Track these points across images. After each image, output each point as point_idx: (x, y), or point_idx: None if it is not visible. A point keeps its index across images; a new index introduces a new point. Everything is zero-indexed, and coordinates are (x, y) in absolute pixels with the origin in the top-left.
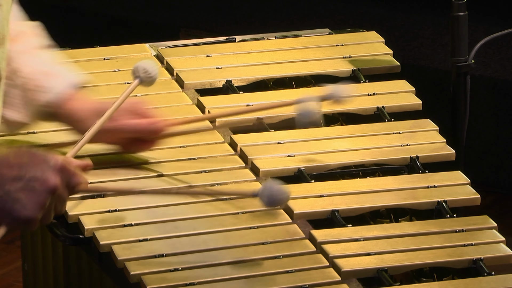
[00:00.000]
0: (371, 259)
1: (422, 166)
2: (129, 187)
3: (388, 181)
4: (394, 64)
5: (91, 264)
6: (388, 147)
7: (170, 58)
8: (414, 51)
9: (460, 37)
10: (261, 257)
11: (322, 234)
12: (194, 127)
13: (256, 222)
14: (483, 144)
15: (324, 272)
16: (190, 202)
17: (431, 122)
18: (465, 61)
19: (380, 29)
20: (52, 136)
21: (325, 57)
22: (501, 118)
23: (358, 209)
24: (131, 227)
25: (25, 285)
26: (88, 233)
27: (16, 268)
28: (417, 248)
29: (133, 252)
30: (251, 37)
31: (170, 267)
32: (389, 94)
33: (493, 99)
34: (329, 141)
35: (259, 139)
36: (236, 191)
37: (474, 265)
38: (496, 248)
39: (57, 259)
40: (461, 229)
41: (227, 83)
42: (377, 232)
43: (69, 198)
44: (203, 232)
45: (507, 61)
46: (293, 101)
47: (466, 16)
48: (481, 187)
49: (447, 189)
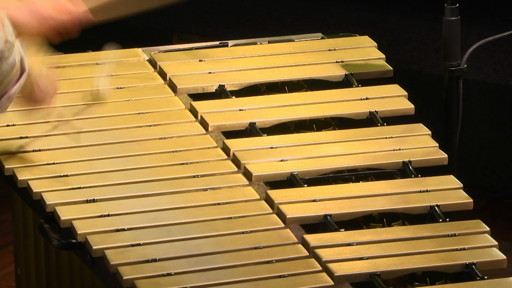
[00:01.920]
0: (364, 264)
1: (415, 170)
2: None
3: (381, 186)
4: (387, 68)
5: (84, 269)
6: (380, 151)
7: (162, 63)
8: (407, 55)
9: (452, 42)
10: (254, 261)
11: (315, 238)
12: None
13: (249, 226)
14: (476, 148)
15: (317, 276)
16: (183, 207)
17: (423, 126)
18: (458, 66)
19: (373, 33)
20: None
21: (318, 61)
22: (493, 122)
23: (351, 213)
24: (124, 232)
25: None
26: (80, 237)
27: (9, 272)
28: (410, 252)
29: (126, 256)
30: (244, 42)
31: (163, 272)
32: (381, 98)
33: (486, 103)
34: (322, 146)
35: (251, 144)
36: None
37: (467, 270)
38: (489, 252)
39: (50, 264)
40: (454, 233)
41: (220, 87)
42: (370, 237)
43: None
44: (196, 236)
45: (500, 65)
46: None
47: (458, 20)
48: (474, 191)
49: (440, 194)
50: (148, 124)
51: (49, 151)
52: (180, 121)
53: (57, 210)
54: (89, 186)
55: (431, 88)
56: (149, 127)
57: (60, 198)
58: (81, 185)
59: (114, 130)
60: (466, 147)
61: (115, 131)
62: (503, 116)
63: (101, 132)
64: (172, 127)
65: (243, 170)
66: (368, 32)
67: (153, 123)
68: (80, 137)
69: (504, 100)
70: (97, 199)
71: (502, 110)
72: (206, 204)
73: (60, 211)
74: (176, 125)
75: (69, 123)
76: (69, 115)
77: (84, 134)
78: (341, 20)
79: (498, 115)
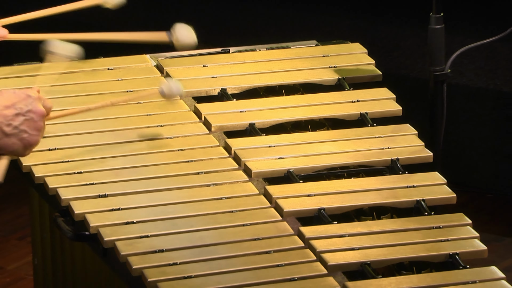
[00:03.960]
0: (355, 254)
1: (402, 167)
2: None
3: (371, 182)
4: (376, 73)
5: (96, 259)
6: (370, 150)
7: (169, 68)
8: (395, 61)
9: (437, 48)
10: (254, 252)
11: (310, 230)
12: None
13: (248, 219)
14: (459, 147)
15: (312, 266)
16: (188, 201)
17: (410, 126)
18: (442, 70)
19: (364, 41)
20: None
21: (312, 67)
22: (475, 123)
23: (343, 207)
24: (133, 225)
25: (35, 278)
26: (93, 230)
27: (27, 262)
28: (397, 243)
29: (135, 247)
30: (244, 49)
31: (169, 261)
32: (371, 101)
33: (468, 105)
34: (316, 145)
35: (251, 143)
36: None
37: (451, 259)
38: (471, 243)
39: (64, 254)
40: (439, 225)
41: (222, 91)
42: (360, 229)
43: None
44: (199, 229)
45: (481, 70)
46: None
47: (443, 28)
48: (457, 186)
49: (425, 189)
50: (155, 124)
51: (64, 149)
52: (185, 122)
53: (71, 204)
54: (101, 182)
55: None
56: (156, 127)
57: (74, 193)
58: (93, 181)
59: (124, 130)
60: (450, 146)
61: (125, 131)
62: (483, 117)
63: (112, 132)
64: (177, 127)
65: (243, 167)
66: (359, 40)
67: (160, 124)
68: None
69: (485, 103)
70: (108, 194)
71: (483, 112)
72: (209, 199)
73: (74, 205)
74: (181, 126)
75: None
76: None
77: (97, 134)
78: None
79: (479, 117)
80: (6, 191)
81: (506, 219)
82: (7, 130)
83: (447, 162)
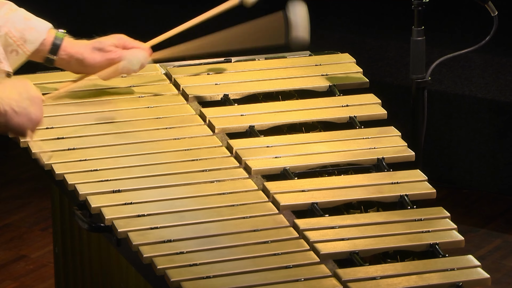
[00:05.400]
0: (345, 244)
1: (387, 165)
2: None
3: (359, 178)
4: (364, 80)
5: (110, 248)
6: (358, 149)
7: (177, 76)
8: (381, 69)
9: (418, 58)
10: (253, 242)
11: (304, 222)
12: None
13: (248, 212)
14: (438, 147)
15: (305, 254)
16: (193, 196)
17: (394, 129)
18: (423, 78)
19: (352, 51)
20: (79, 140)
21: (306, 75)
22: (453, 126)
23: (334, 201)
24: (144, 217)
25: (56, 265)
26: (108, 222)
27: (49, 251)
28: (383, 234)
29: (146, 238)
30: (245, 58)
31: (177, 251)
32: (359, 105)
33: (446, 110)
34: (310, 145)
35: (251, 144)
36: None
37: (431, 249)
38: (449, 234)
39: (82, 244)
40: (420, 218)
41: (225, 96)
42: (350, 221)
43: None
44: (204, 221)
45: (458, 78)
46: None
47: (423, 40)
48: (436, 183)
49: (408, 185)
50: (164, 127)
51: (81, 149)
52: (191, 124)
53: (88, 199)
54: (115, 179)
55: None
56: (165, 129)
57: (90, 189)
58: (108, 178)
59: (136, 132)
60: (430, 146)
61: (137, 133)
62: (460, 120)
63: (125, 134)
64: (184, 129)
65: (244, 166)
66: (348, 51)
67: (168, 126)
68: (50, 157)
69: (462, 108)
70: (121, 189)
71: (460, 115)
72: (212, 194)
73: (90, 199)
74: (188, 128)
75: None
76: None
77: (111, 135)
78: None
79: (456, 120)
80: (31, 187)
81: (480, 212)
82: (18, 110)
83: (428, 160)
